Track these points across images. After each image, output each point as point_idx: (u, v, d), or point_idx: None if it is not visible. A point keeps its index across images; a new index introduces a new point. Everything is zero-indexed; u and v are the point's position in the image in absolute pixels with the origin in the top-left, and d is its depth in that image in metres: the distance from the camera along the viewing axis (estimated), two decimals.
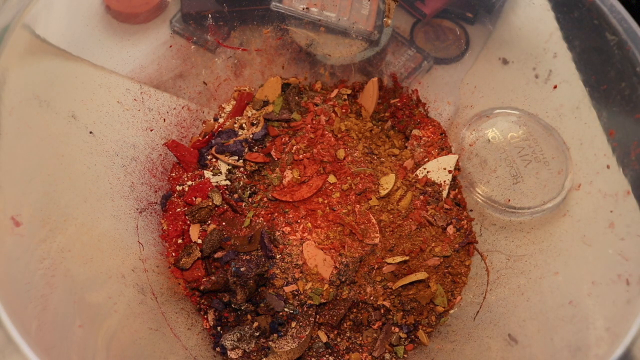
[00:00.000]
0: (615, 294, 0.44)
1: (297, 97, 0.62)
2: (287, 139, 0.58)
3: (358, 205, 0.55)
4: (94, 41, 0.53)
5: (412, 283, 0.54)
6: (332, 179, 0.55)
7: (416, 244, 0.55)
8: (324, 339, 0.53)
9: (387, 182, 0.56)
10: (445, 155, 0.60)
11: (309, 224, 0.54)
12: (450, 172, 0.59)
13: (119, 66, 0.54)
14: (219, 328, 0.53)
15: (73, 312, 0.42)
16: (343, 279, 0.53)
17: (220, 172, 0.58)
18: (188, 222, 0.56)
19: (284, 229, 0.54)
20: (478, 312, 0.53)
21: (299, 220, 0.54)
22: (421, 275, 0.54)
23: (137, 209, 0.55)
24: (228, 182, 0.58)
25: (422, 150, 0.61)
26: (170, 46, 0.59)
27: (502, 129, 0.60)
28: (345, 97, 0.62)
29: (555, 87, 0.56)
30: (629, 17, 0.48)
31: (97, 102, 0.52)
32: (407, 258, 0.54)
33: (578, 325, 0.45)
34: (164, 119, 0.59)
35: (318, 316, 0.53)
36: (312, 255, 0.53)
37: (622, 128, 0.50)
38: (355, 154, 0.57)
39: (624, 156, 0.49)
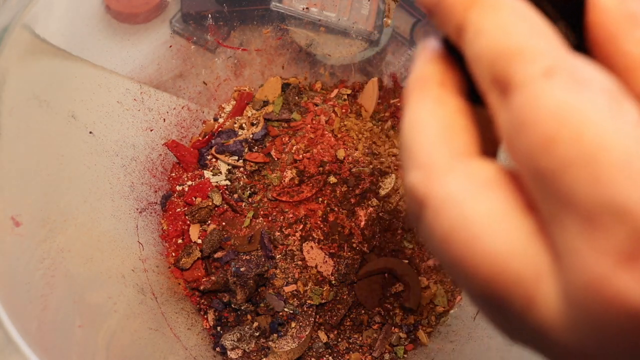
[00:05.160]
0: None
1: (297, 97, 0.62)
2: (287, 139, 0.58)
3: (358, 206, 0.55)
4: (94, 41, 0.53)
5: None
6: (332, 179, 0.55)
7: (416, 244, 0.55)
8: (324, 339, 0.53)
9: (387, 182, 0.56)
10: None
11: (309, 224, 0.54)
12: None
13: (119, 66, 0.54)
14: (219, 328, 0.53)
15: (73, 312, 0.42)
16: (343, 279, 0.53)
17: (220, 172, 0.58)
18: (188, 222, 0.56)
19: (283, 229, 0.54)
20: (478, 312, 0.53)
21: (299, 221, 0.54)
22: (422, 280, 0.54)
23: (137, 209, 0.55)
24: (228, 182, 0.58)
25: None
26: (170, 46, 0.59)
27: None
28: (345, 97, 0.62)
29: None
30: None
31: (97, 102, 0.52)
32: (407, 261, 0.54)
33: None
34: (164, 119, 0.59)
35: (318, 316, 0.53)
36: (312, 255, 0.53)
37: None
38: (355, 154, 0.57)
39: None
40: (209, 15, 0.59)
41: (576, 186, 0.13)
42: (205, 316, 0.54)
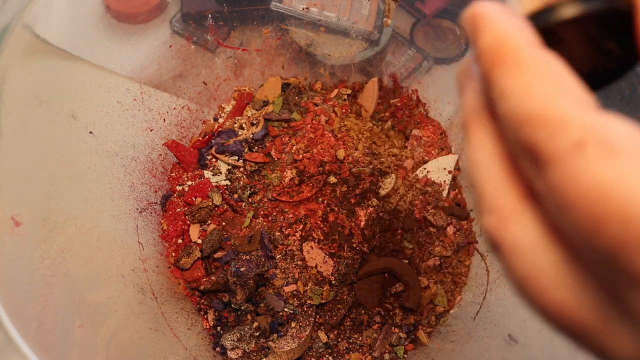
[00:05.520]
0: None
1: (297, 97, 0.62)
2: (287, 139, 0.58)
3: (358, 206, 0.55)
4: (94, 41, 0.53)
5: None
6: (332, 179, 0.55)
7: (416, 244, 0.55)
8: (324, 339, 0.53)
9: (387, 182, 0.56)
10: (445, 155, 0.60)
11: (309, 224, 0.54)
12: (450, 172, 0.59)
13: (119, 66, 0.54)
14: (219, 328, 0.53)
15: (73, 312, 0.42)
16: (343, 279, 0.53)
17: (220, 172, 0.58)
18: (188, 222, 0.56)
19: (283, 229, 0.54)
20: (478, 312, 0.53)
21: (299, 221, 0.54)
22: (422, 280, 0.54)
23: (137, 209, 0.55)
24: (228, 182, 0.58)
25: (422, 150, 0.61)
26: (170, 46, 0.59)
27: None
28: (345, 97, 0.62)
29: None
30: None
31: (97, 102, 0.52)
32: (407, 261, 0.54)
33: None
34: (164, 119, 0.59)
35: (318, 316, 0.53)
36: (312, 255, 0.53)
37: None
38: (355, 154, 0.57)
39: None
40: (209, 15, 0.59)
41: (635, 264, 0.13)
42: (205, 316, 0.54)
